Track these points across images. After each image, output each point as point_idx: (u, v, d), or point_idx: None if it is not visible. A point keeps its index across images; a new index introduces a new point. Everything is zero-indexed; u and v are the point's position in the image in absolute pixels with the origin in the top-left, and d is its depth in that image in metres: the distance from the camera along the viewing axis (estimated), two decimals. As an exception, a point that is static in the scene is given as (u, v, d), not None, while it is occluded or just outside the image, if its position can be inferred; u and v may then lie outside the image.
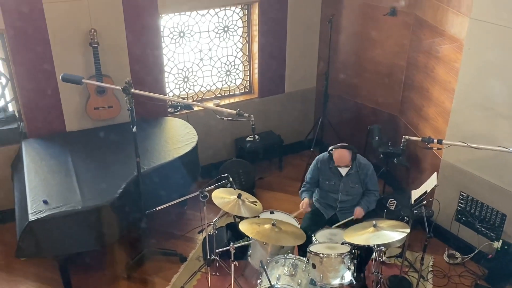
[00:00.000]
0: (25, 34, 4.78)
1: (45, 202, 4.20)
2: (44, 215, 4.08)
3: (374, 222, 3.95)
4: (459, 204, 4.87)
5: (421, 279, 4.60)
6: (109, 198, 4.28)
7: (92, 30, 4.86)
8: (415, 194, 4.39)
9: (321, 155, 4.68)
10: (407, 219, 4.52)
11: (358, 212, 4.48)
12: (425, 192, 4.30)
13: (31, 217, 4.06)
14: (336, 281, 3.91)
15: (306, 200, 4.62)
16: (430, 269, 4.87)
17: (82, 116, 5.23)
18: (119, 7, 4.99)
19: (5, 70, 5.14)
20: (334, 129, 6.11)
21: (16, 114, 5.28)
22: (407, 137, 4.23)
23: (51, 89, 5.03)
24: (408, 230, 3.91)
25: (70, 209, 4.15)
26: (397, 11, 5.35)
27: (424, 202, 4.24)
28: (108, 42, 5.04)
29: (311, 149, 6.02)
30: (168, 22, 5.53)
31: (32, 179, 4.52)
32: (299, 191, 4.76)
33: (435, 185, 4.31)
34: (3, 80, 5.18)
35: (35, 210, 4.13)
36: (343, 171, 4.51)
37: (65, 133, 5.22)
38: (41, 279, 4.72)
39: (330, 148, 4.51)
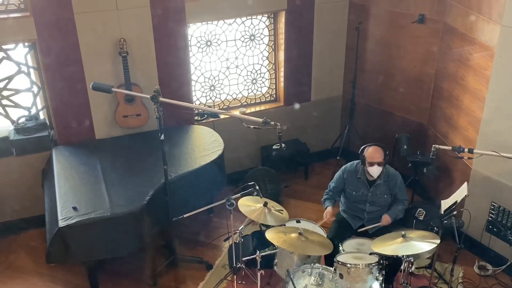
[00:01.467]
0: (56, 43, 4.89)
1: (74, 208, 4.27)
2: (73, 221, 4.15)
3: (403, 232, 3.90)
4: (490, 214, 4.75)
5: (451, 291, 4.51)
6: (137, 205, 4.32)
7: (122, 39, 4.94)
8: (445, 204, 4.31)
9: (348, 164, 4.63)
10: (437, 229, 4.44)
11: (385, 219, 4.42)
12: (455, 202, 4.22)
13: (61, 223, 4.13)
14: (364, 292, 3.86)
15: (329, 209, 4.56)
16: (460, 280, 4.76)
17: (111, 124, 5.31)
18: (148, 17, 5.06)
19: (36, 79, 5.26)
20: (361, 137, 6.06)
21: (47, 121, 5.39)
22: (437, 146, 4.17)
23: (81, 97, 5.12)
24: (438, 241, 3.84)
25: (99, 216, 4.21)
26: (426, 18, 5.29)
27: (455, 213, 4.15)
28: (137, 51, 5.12)
29: (338, 158, 5.99)
30: (196, 31, 5.58)
31: (62, 185, 4.61)
32: (322, 199, 4.71)
33: (466, 195, 4.23)
34: (35, 89, 5.30)
35: (65, 216, 4.20)
36: (374, 171, 4.37)
37: (94, 141, 5.31)
38: (70, 285, 4.79)
39: (363, 146, 4.44)
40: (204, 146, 5.26)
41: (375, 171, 4.39)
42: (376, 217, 4.50)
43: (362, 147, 4.47)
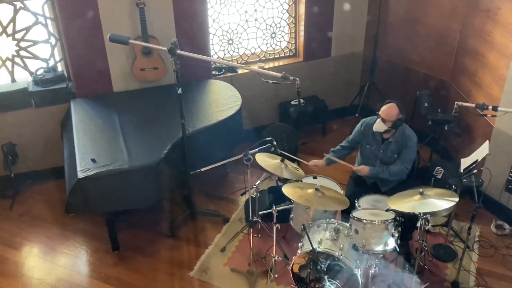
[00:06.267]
0: (74, -6, 4.82)
1: (93, 160, 4.29)
2: (92, 173, 4.18)
3: (420, 190, 3.85)
4: (511, 174, 4.68)
5: (467, 249, 4.50)
6: (155, 158, 4.33)
7: (139, -10, 4.84)
8: (465, 162, 4.24)
9: (368, 118, 4.52)
10: (455, 188, 4.39)
11: (362, 169, 4.36)
12: (476, 161, 4.15)
13: (80, 175, 4.17)
14: (379, 248, 3.86)
15: (319, 161, 4.53)
16: (477, 239, 4.75)
17: (128, 77, 5.29)
18: (166, -33, 4.95)
19: (54, 30, 5.22)
20: (381, 94, 5.95)
21: (65, 73, 5.38)
22: (459, 103, 4.07)
23: (99, 49, 5.08)
24: (457, 199, 3.79)
25: (117, 168, 4.22)
26: (453, -30, 5.08)
27: (475, 171, 4.09)
28: (154, 2, 5.02)
29: (357, 115, 5.90)
30: (214, -17, 5.46)
31: (80, 137, 4.63)
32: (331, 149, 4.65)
33: (487, 154, 4.15)
34: (53, 40, 5.27)
35: (83, 168, 4.23)
36: (378, 126, 4.28)
37: (112, 94, 5.30)
38: (89, 234, 4.89)
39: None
40: (222, 101, 5.22)
41: (376, 125, 4.28)
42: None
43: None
